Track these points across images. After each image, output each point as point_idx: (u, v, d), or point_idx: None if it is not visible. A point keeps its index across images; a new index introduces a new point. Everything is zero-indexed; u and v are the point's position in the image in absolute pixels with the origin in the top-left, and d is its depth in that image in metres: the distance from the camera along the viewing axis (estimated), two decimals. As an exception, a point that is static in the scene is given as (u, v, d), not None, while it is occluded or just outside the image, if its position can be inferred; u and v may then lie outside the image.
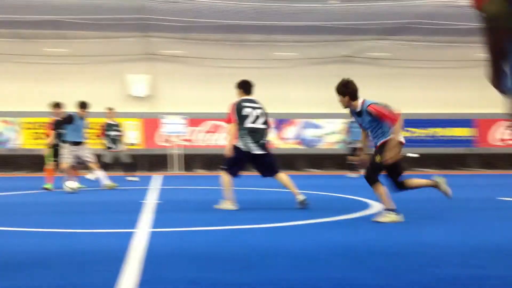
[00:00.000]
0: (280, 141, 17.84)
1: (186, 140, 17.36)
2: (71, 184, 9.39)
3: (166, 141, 17.26)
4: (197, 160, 17.58)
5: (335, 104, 6.53)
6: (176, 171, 16.80)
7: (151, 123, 17.35)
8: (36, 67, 16.71)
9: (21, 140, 16.80)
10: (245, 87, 7.50)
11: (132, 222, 5.61)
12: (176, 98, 17.22)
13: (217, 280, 3.19)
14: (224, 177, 7.19)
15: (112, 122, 13.07)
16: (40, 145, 11.02)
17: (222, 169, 7.26)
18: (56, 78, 16.81)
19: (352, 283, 3.14)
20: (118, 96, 17.38)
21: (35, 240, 4.70)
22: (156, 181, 12.92)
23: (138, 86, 17.44)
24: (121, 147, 13.08)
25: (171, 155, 17.08)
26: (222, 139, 17.47)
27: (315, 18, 14.14)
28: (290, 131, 18.00)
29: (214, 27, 14.91)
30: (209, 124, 17.59)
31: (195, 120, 17.24)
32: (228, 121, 7.26)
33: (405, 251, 4.13)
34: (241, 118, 7.21)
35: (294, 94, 17.80)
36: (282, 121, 17.85)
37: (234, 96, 7.56)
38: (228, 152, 7.25)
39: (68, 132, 10.22)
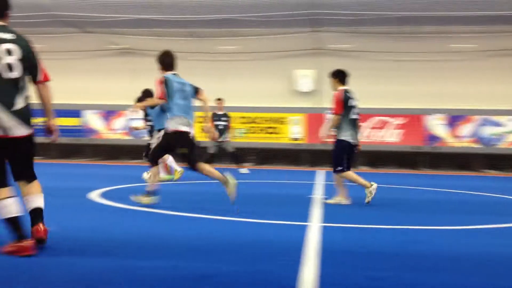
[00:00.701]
0: (454, 139, 17.03)
1: (350, 136, 17.40)
2: (146, 175, 9.91)
3: (330, 136, 17.46)
4: (361, 157, 17.52)
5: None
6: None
7: (315, 118, 17.69)
8: (209, 64, 18.02)
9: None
10: (342, 76, 7.42)
11: (303, 215, 5.91)
12: (342, 93, 17.34)
13: (398, 279, 3.28)
14: (347, 174, 7.29)
15: (220, 113, 13.73)
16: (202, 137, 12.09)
17: (338, 171, 7.33)
18: (227, 74, 17.95)
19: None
20: (285, 91, 18.02)
21: (220, 227, 5.19)
22: (320, 176, 13.18)
23: (304, 81, 17.89)
24: (228, 138, 13.65)
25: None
26: (389, 136, 17.21)
27: (499, 7, 13.19)
28: (466, 129, 17.07)
29: (385, 20, 14.69)
30: (375, 120, 17.43)
31: (360, 115, 17.19)
32: (337, 111, 7.20)
33: None
34: (348, 109, 7.21)
35: (471, 88, 16.82)
36: (457, 118, 17.00)
37: (405, 90, 7.46)
38: (325, 140, 7.45)
39: None
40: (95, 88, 18.47)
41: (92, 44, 17.84)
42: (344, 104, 7.22)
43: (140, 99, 10.86)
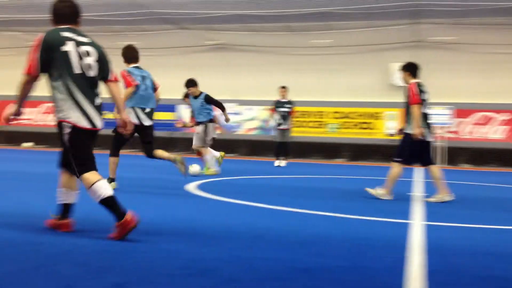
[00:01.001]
0: None
1: (451, 132, 16.75)
2: (192, 168, 9.76)
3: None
4: (462, 154, 16.83)
5: None
6: (439, 164, 16.37)
7: (412, 113, 17.18)
8: (303, 58, 18.00)
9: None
10: (413, 69, 7.29)
11: (404, 213, 5.80)
12: (441, 87, 16.65)
13: (508, 280, 3.16)
14: (395, 168, 7.11)
15: (283, 100, 13.80)
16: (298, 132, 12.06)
17: (396, 161, 7.14)
18: (321, 68, 17.85)
19: None
20: (380, 85, 17.62)
21: (317, 222, 5.21)
22: (419, 173, 12.80)
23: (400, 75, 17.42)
24: (289, 125, 13.73)
25: (434, 147, 16.69)
26: (492, 132, 16.40)
27: None
28: None
29: (491, 10, 13.97)
30: (478, 115, 16.66)
31: (462, 111, 16.51)
32: (414, 101, 7.02)
33: None
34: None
35: None
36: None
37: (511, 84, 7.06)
38: (418, 136, 6.96)
39: None
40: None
41: (188, 40, 18.41)
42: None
43: (186, 95, 11.25)
